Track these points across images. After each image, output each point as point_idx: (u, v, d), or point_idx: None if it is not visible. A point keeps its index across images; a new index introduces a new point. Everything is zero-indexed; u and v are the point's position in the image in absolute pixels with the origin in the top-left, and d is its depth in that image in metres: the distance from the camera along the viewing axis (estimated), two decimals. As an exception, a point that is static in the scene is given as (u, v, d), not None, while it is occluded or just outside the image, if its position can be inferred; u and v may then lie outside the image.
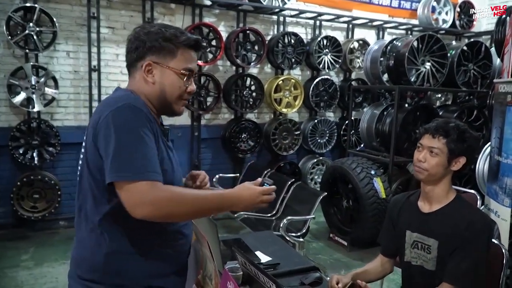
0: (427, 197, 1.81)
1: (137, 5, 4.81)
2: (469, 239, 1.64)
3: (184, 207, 1.23)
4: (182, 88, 1.37)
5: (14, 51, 4.35)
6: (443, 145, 1.70)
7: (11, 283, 3.40)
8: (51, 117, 4.58)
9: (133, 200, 1.17)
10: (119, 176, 1.17)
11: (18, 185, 4.25)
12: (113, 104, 1.25)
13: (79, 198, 1.35)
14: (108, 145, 1.19)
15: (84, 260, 1.34)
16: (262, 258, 2.00)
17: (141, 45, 1.33)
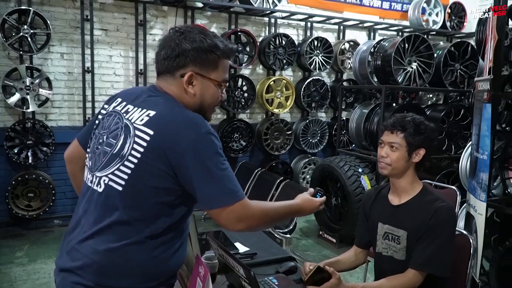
0: (396, 190, 1.89)
1: (130, 7, 4.91)
2: (433, 226, 1.73)
3: (268, 219, 1.39)
4: (219, 99, 1.40)
5: (9, 53, 4.44)
6: (401, 139, 1.80)
7: (4, 279, 3.48)
8: (45, 117, 4.67)
9: (232, 219, 1.26)
10: (220, 204, 1.24)
11: (13, 184, 4.33)
12: (194, 129, 1.23)
13: (116, 209, 1.27)
14: (200, 174, 1.21)
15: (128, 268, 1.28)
16: (240, 249, 2.08)
17: (183, 54, 1.30)
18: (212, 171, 1.22)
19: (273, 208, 1.42)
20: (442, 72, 4.65)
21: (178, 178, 1.24)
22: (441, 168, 4.85)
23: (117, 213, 1.26)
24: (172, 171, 1.23)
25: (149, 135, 1.24)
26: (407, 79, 4.48)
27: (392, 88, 4.65)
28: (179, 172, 1.23)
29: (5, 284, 3.40)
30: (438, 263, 1.72)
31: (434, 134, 1.85)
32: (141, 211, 1.26)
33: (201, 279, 1.42)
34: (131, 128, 1.28)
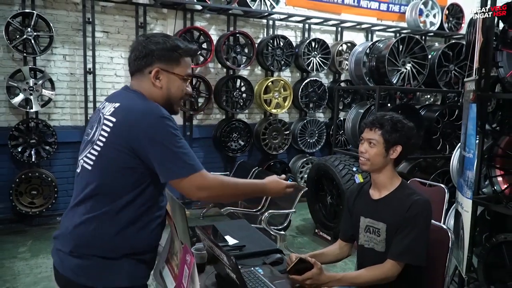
0: (376, 185, 1.99)
1: (131, 10, 5.03)
2: (409, 219, 1.82)
3: (229, 190, 1.55)
4: (183, 91, 1.59)
5: (13, 55, 4.58)
6: (379, 136, 1.90)
7: (8, 272, 3.60)
8: (48, 117, 4.80)
9: (193, 188, 1.44)
10: (178, 175, 1.42)
11: (17, 182, 4.46)
12: (148, 117, 1.40)
13: (86, 191, 1.46)
14: (158, 152, 1.40)
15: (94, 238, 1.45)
16: (230, 241, 2.18)
17: (150, 54, 1.50)
18: (168, 148, 1.40)
19: (234, 182, 1.58)
20: (437, 73, 4.74)
21: (140, 158, 1.42)
22: (436, 168, 4.93)
23: (88, 189, 1.47)
24: (133, 152, 1.41)
25: (112, 122, 1.45)
26: (401, 80, 4.57)
27: (386, 88, 4.74)
28: (139, 152, 1.41)
29: (9, 277, 3.52)
30: (414, 253, 1.81)
31: (412, 132, 1.94)
32: (108, 187, 1.45)
33: (188, 267, 1.53)
34: (102, 119, 1.50)
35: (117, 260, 1.47)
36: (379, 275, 1.83)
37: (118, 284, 1.48)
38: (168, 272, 1.73)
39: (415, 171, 5.03)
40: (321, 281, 1.74)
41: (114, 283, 1.47)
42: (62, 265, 1.48)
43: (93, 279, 1.45)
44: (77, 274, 1.45)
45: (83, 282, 1.45)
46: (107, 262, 1.46)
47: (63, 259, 1.48)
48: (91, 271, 1.45)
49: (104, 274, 1.46)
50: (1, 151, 4.57)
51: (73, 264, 1.46)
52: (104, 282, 1.46)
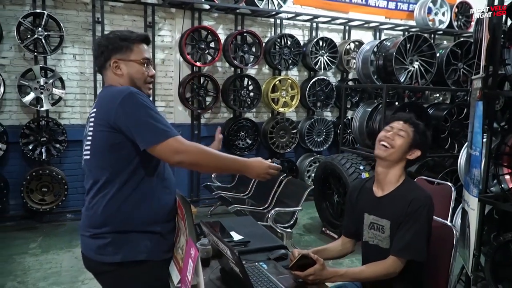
0: (380, 181, 1.98)
1: (139, 10, 5.08)
2: (410, 214, 1.83)
3: (206, 158, 1.59)
4: (145, 74, 1.71)
5: (24, 54, 4.65)
6: (410, 132, 1.92)
7: (18, 267, 3.67)
8: (58, 115, 4.87)
9: (169, 152, 1.52)
10: (153, 142, 1.51)
11: (28, 179, 4.53)
12: (119, 95, 1.54)
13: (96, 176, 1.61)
14: (133, 122, 1.52)
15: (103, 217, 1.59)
16: (235, 237, 2.21)
17: (104, 50, 1.67)
18: (140, 118, 1.52)
19: (214, 151, 1.61)
20: (445, 71, 4.72)
21: (122, 133, 1.54)
22: (444, 167, 4.91)
23: (90, 176, 1.63)
24: (114, 129, 1.54)
25: (95, 112, 1.63)
26: (409, 78, 4.55)
27: (393, 87, 4.73)
28: (118, 127, 1.54)
29: (19, 272, 3.59)
30: (416, 249, 1.81)
31: (428, 146, 2.01)
32: (105, 168, 1.58)
33: (192, 260, 1.56)
34: (89, 117, 1.68)
35: (129, 234, 1.60)
36: (381, 271, 1.84)
37: (134, 257, 1.60)
38: (174, 265, 1.77)
39: (423, 170, 5.01)
40: (323, 276, 1.75)
41: (131, 256, 1.59)
42: (86, 248, 1.66)
43: (111, 255, 1.58)
44: (97, 253, 1.60)
45: (102, 259, 1.60)
46: (120, 236, 1.59)
47: (85, 242, 1.66)
48: (108, 249, 1.59)
49: (121, 249, 1.59)
50: (13, 149, 4.65)
51: (94, 246, 1.61)
52: (122, 255, 1.58)
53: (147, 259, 1.62)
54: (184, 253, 1.68)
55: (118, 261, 1.59)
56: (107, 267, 1.61)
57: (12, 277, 3.50)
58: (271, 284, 1.70)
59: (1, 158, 4.56)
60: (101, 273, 1.67)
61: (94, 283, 3.36)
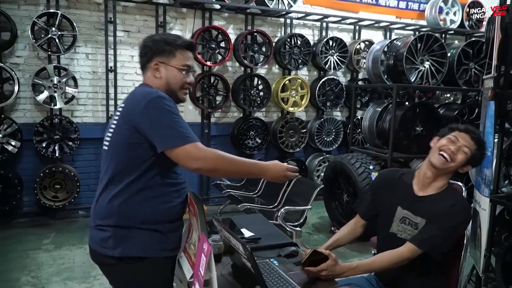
0: (424, 183, 1.95)
1: (151, 10, 5.14)
2: (445, 214, 1.83)
3: (225, 164, 1.61)
4: (183, 80, 1.74)
5: (38, 53, 4.73)
6: (474, 150, 1.89)
7: (32, 263, 3.74)
8: (71, 114, 4.94)
9: (187, 158, 1.55)
10: (172, 145, 1.54)
11: (41, 176, 4.61)
12: (146, 97, 1.58)
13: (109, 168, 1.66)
14: (154, 124, 1.55)
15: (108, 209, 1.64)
16: (246, 234, 2.23)
17: (148, 51, 1.72)
18: (163, 121, 1.55)
19: (232, 157, 1.65)
20: (456, 71, 4.70)
21: (142, 134, 1.58)
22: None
23: (105, 167, 1.69)
24: (135, 129, 1.58)
25: (122, 107, 1.69)
26: (419, 78, 4.54)
27: (403, 87, 4.72)
28: (139, 128, 1.57)
29: (33, 267, 3.65)
30: (435, 245, 1.82)
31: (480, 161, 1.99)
32: (119, 162, 1.63)
33: (205, 255, 1.59)
34: (117, 109, 1.75)
35: (129, 229, 1.62)
36: (394, 258, 1.84)
37: (132, 253, 1.62)
38: (186, 260, 1.80)
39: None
40: (336, 271, 1.77)
41: (128, 252, 1.62)
42: (91, 239, 1.70)
43: (111, 248, 1.62)
44: (100, 246, 1.65)
45: (104, 252, 1.64)
46: (121, 231, 1.62)
47: (91, 233, 1.70)
48: (109, 242, 1.62)
49: (120, 244, 1.62)
50: (27, 147, 4.73)
51: (98, 237, 1.66)
52: (120, 250, 1.61)
53: (145, 256, 1.64)
54: (197, 248, 1.71)
55: (117, 256, 1.62)
56: (109, 260, 1.64)
57: (26, 271, 3.57)
58: (282, 280, 1.73)
59: (15, 156, 4.64)
60: (104, 265, 1.72)
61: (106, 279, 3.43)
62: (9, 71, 4.48)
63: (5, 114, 4.60)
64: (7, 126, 4.50)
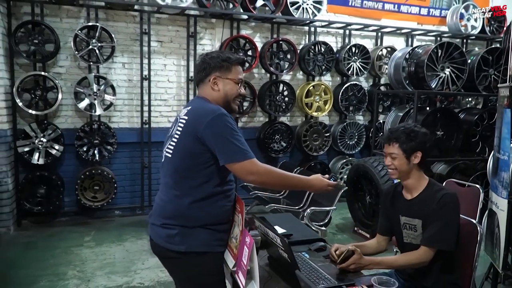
0: (406, 187, 2.24)
1: (182, 21, 5.44)
2: (437, 210, 2.06)
3: (275, 179, 1.89)
4: (237, 92, 1.98)
5: (79, 63, 5.09)
6: (397, 149, 2.14)
7: (76, 258, 4.07)
8: (109, 119, 5.28)
9: (244, 172, 1.79)
10: (233, 160, 1.77)
11: (82, 178, 4.95)
12: (211, 113, 1.79)
13: (168, 174, 1.89)
14: (218, 140, 1.77)
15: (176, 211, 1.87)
16: (278, 230, 2.47)
17: (207, 66, 1.94)
18: (225, 138, 1.76)
19: (282, 173, 1.91)
20: (476, 77, 4.84)
21: (206, 145, 1.80)
22: (475, 170, 5.03)
23: (169, 172, 1.90)
24: (199, 140, 1.80)
25: (185, 120, 1.89)
26: (440, 84, 4.70)
27: (424, 93, 4.89)
28: (203, 140, 1.79)
29: (77, 262, 3.97)
30: (444, 239, 2.04)
31: (426, 137, 2.16)
32: (184, 170, 1.85)
33: (247, 247, 1.83)
34: (178, 119, 1.96)
35: (194, 229, 1.86)
36: (413, 260, 2.08)
37: (196, 248, 1.87)
38: (228, 253, 2.04)
39: (454, 173, 5.14)
40: (362, 264, 2.00)
41: (193, 247, 1.86)
42: (156, 235, 1.92)
43: (177, 244, 1.85)
44: (166, 242, 1.87)
45: (170, 247, 1.87)
46: (187, 230, 1.85)
47: (156, 231, 1.92)
48: (176, 238, 1.85)
49: (185, 240, 1.85)
50: (69, 150, 5.07)
51: (164, 234, 1.88)
52: (186, 246, 1.85)
53: (207, 251, 1.89)
54: (239, 241, 1.95)
55: (183, 251, 1.86)
56: (173, 254, 1.88)
57: (72, 266, 3.88)
58: (314, 271, 1.96)
59: (58, 159, 5.00)
60: (167, 258, 1.96)
61: (146, 273, 3.74)
62: (52, 80, 4.84)
63: (49, 120, 4.96)
64: (51, 132, 4.86)
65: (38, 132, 4.80)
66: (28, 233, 4.73)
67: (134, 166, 5.42)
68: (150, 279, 3.65)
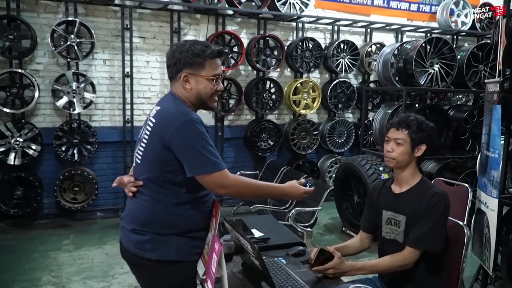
0: (398, 180, 2.12)
1: (166, 16, 5.29)
2: (426, 210, 1.94)
3: (248, 191, 1.79)
4: (212, 89, 1.78)
5: (58, 60, 4.91)
6: (406, 136, 2.02)
7: (53, 263, 3.91)
8: (89, 118, 5.12)
9: (214, 185, 1.68)
10: (201, 172, 1.65)
11: (61, 179, 4.78)
12: (179, 118, 1.64)
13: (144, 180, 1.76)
14: (185, 149, 1.63)
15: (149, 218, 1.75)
16: (256, 234, 2.34)
17: (177, 62, 1.74)
18: (194, 147, 1.63)
19: (254, 183, 1.80)
20: (466, 74, 4.73)
21: (174, 153, 1.66)
22: (465, 168, 4.92)
23: (141, 178, 1.78)
24: (167, 148, 1.66)
25: (153, 122, 1.75)
26: (429, 80, 4.58)
27: (413, 89, 4.77)
28: (171, 149, 1.66)
29: (54, 267, 3.82)
30: (431, 241, 1.92)
31: (434, 132, 2.06)
32: (155, 177, 1.72)
33: (216, 253, 1.70)
34: (148, 119, 1.81)
35: (167, 236, 1.74)
36: (397, 262, 1.95)
37: (169, 257, 1.74)
38: (200, 260, 1.91)
39: (444, 171, 5.03)
40: (342, 269, 1.87)
41: (165, 256, 1.74)
42: (126, 240, 1.81)
43: (149, 251, 1.74)
44: (136, 248, 1.76)
45: (140, 254, 1.75)
46: (159, 237, 1.74)
47: (126, 235, 1.81)
48: (147, 245, 1.74)
49: (157, 248, 1.74)
50: (47, 150, 4.91)
51: (134, 240, 1.76)
52: (158, 254, 1.73)
53: (180, 260, 1.77)
54: (210, 247, 1.82)
55: (155, 259, 1.74)
56: (144, 261, 1.76)
57: (47, 271, 3.72)
58: (290, 278, 1.82)
59: (36, 159, 4.83)
60: (137, 265, 1.83)
61: (124, 278, 3.59)
62: (29, 77, 4.66)
63: (26, 119, 4.79)
64: (28, 131, 4.68)
65: (14, 131, 4.62)
66: (7, 236, 4.56)
67: (117, 166, 5.26)
68: (128, 284, 3.51)
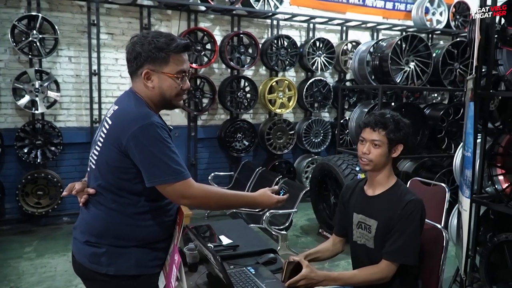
0: (372, 182, 1.98)
1: (135, 11, 5.08)
2: (403, 218, 1.81)
3: (214, 201, 1.60)
4: (178, 88, 1.58)
5: (19, 57, 4.65)
6: (383, 137, 1.86)
7: (13, 272, 3.66)
8: (54, 118, 4.86)
9: (176, 196, 1.50)
10: (162, 181, 1.47)
11: (23, 183, 4.53)
12: (138, 122, 1.45)
13: (98, 187, 1.57)
14: (144, 156, 1.45)
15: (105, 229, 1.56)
16: (224, 241, 2.19)
17: (138, 56, 1.53)
18: (153, 154, 1.45)
19: (222, 193, 1.64)
20: (441, 72, 4.69)
21: (131, 160, 1.48)
22: (441, 167, 4.89)
23: (95, 185, 1.58)
24: (124, 154, 1.48)
25: (109, 125, 1.54)
26: (405, 78, 4.52)
27: (389, 88, 4.71)
28: (130, 154, 1.48)
29: (13, 277, 3.57)
30: (408, 254, 1.81)
31: (410, 130, 1.92)
32: (110, 185, 1.54)
33: (175, 266, 1.55)
34: (104, 120, 1.60)
35: (126, 248, 1.56)
36: (374, 275, 1.83)
37: (128, 271, 1.56)
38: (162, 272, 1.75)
39: (421, 170, 4.99)
40: (315, 279, 1.74)
41: (123, 270, 1.56)
42: (79, 253, 1.61)
43: (105, 266, 1.55)
44: (90, 262, 1.57)
45: (95, 269, 1.56)
46: (117, 250, 1.56)
47: (79, 247, 1.61)
48: (102, 259, 1.55)
49: (114, 262, 1.55)
50: (8, 152, 4.64)
51: (88, 252, 1.57)
52: (115, 268, 1.55)
53: (141, 274, 1.59)
54: (170, 259, 1.67)
55: (112, 274, 1.55)
56: (99, 276, 1.57)
57: (6, 282, 3.48)
58: (258, 289, 1.69)
59: (-4, 162, 4.57)
60: (91, 280, 1.63)
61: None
62: (-11, 75, 4.40)
63: (-14, 119, 4.52)
64: (-12, 132, 4.42)
65: (-28, 132, 4.35)
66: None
67: (84, 168, 4.99)
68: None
